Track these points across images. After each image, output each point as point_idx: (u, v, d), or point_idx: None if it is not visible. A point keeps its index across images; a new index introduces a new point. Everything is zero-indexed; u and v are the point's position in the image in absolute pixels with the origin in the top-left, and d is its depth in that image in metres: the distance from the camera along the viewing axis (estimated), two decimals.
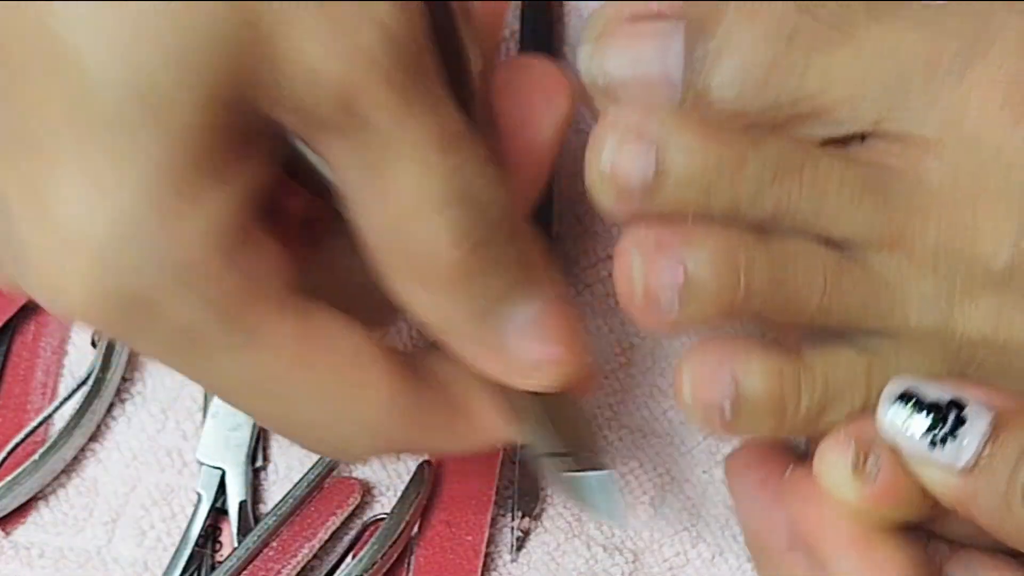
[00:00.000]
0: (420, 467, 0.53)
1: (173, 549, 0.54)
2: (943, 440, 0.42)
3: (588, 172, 0.45)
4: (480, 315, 0.42)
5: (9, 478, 0.53)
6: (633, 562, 0.54)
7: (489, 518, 0.53)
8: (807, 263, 0.44)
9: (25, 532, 0.54)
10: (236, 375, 0.41)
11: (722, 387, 0.44)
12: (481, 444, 0.46)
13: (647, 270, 0.44)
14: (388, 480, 0.55)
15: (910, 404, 0.42)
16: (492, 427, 0.46)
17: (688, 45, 0.44)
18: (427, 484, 0.53)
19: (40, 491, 0.55)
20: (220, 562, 0.53)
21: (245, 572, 0.52)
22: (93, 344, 0.56)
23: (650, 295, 0.44)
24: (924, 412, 0.42)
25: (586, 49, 0.46)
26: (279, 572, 0.52)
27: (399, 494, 0.53)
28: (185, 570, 0.53)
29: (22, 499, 0.54)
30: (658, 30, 0.44)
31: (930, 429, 0.42)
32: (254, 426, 0.54)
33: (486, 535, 0.53)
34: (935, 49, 0.44)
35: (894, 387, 0.43)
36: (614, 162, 0.44)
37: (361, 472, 0.55)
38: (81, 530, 0.54)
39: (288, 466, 0.55)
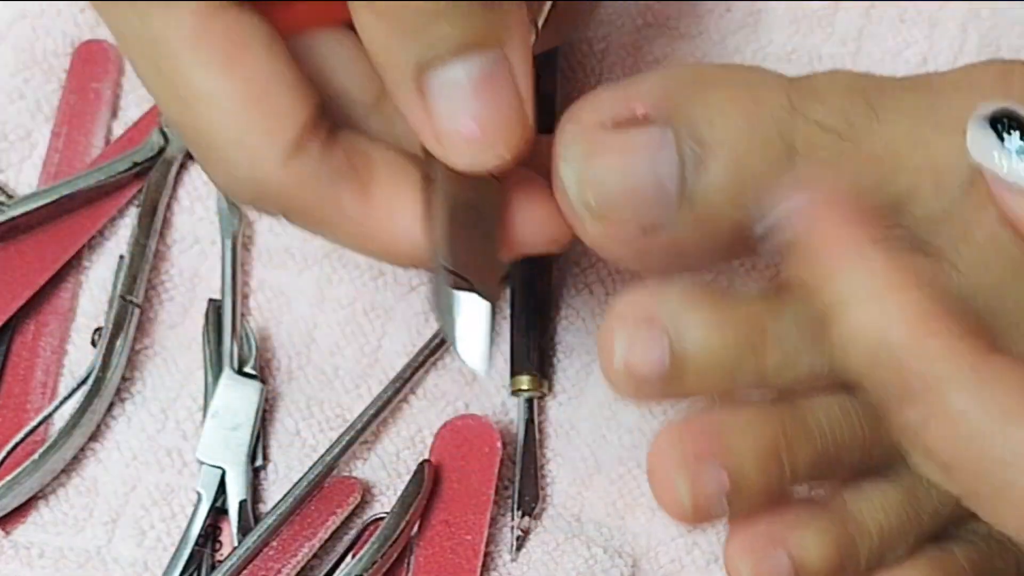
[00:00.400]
0: (420, 467, 0.53)
1: (173, 549, 0.54)
2: None
3: (602, 366, 0.43)
4: (423, 61, 0.40)
5: (9, 478, 0.53)
6: (632, 565, 0.54)
7: (489, 518, 0.53)
8: (843, 421, 0.43)
9: (25, 532, 0.54)
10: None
11: (781, 569, 0.43)
12: (382, 241, 0.44)
13: (692, 485, 0.42)
14: (388, 480, 0.55)
15: (1002, 124, 0.40)
16: (398, 221, 0.43)
17: (679, 151, 0.42)
18: (427, 484, 0.53)
19: (40, 491, 0.55)
20: (220, 562, 0.53)
21: (245, 571, 0.52)
22: (93, 344, 0.56)
23: (699, 507, 0.42)
24: (1019, 131, 0.40)
25: (571, 169, 0.42)
26: (279, 571, 0.52)
27: (399, 494, 0.53)
28: (185, 570, 0.53)
29: (22, 499, 0.54)
30: (648, 139, 0.42)
31: None
32: (254, 426, 0.55)
33: (486, 535, 0.53)
34: (942, 151, 0.42)
35: (982, 111, 0.40)
36: (627, 358, 0.42)
37: (361, 472, 0.55)
38: (81, 530, 0.54)
39: (288, 466, 0.55)
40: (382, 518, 0.53)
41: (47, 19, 0.60)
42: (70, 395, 0.54)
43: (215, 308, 0.56)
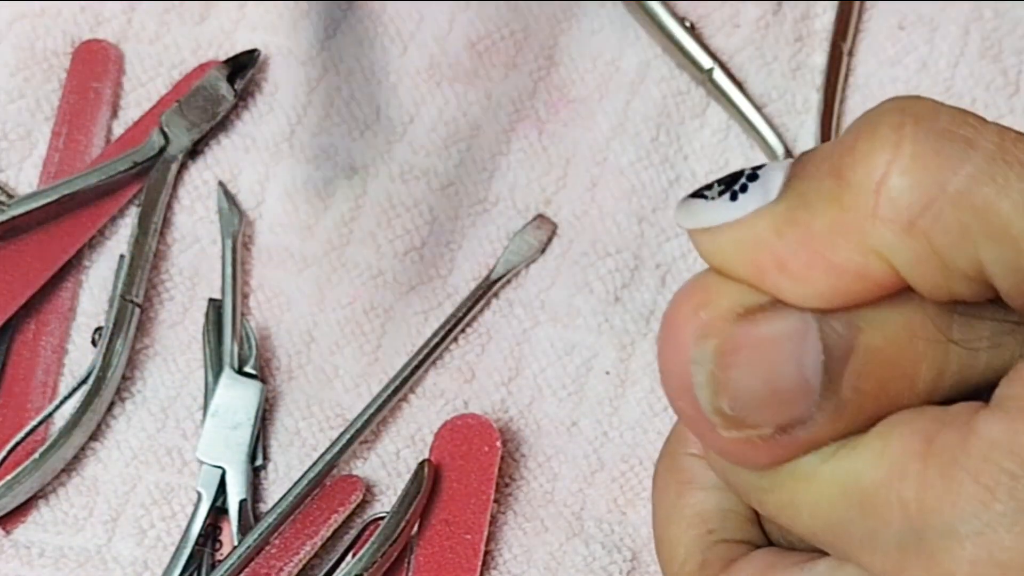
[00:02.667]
0: (420, 466, 0.53)
1: (173, 548, 0.54)
2: (743, 188, 0.37)
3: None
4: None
5: (9, 477, 0.53)
6: (632, 560, 0.54)
7: (488, 517, 0.53)
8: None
9: (25, 531, 0.54)
10: None
11: None
12: None
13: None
14: (388, 479, 0.55)
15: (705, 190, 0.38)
16: None
17: (824, 336, 0.36)
18: (427, 483, 0.53)
19: (40, 490, 0.55)
20: (220, 561, 0.53)
21: (246, 570, 0.52)
22: (93, 343, 0.56)
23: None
24: (717, 184, 0.38)
25: (703, 372, 0.36)
26: (280, 570, 0.52)
27: (399, 493, 0.53)
28: (185, 569, 0.53)
29: (22, 498, 0.54)
30: (790, 327, 0.36)
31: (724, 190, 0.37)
32: (254, 425, 0.55)
33: (485, 534, 0.53)
34: None
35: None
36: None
37: (361, 471, 0.55)
38: (81, 529, 0.54)
39: (288, 465, 0.55)
40: (382, 517, 0.53)
41: (47, 18, 0.60)
42: (70, 394, 0.54)
43: (215, 308, 0.56)
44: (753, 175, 0.37)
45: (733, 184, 0.37)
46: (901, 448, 0.36)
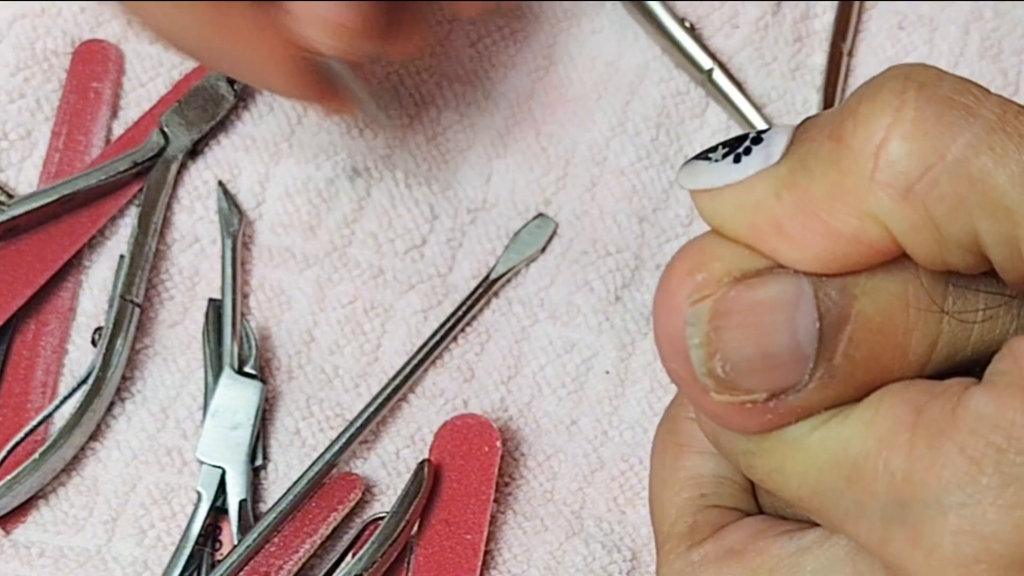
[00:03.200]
0: (420, 466, 0.53)
1: (173, 548, 0.54)
2: (747, 151, 0.37)
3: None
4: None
5: (9, 477, 0.53)
6: (632, 559, 0.54)
7: (488, 517, 0.53)
8: None
9: (25, 531, 0.54)
10: None
11: None
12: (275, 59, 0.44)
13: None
14: (388, 479, 0.55)
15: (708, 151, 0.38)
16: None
17: (819, 303, 0.36)
18: (427, 483, 0.53)
19: (40, 490, 0.55)
20: (220, 561, 0.53)
21: (246, 569, 0.52)
22: (93, 343, 0.56)
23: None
24: (722, 146, 0.38)
25: (696, 334, 0.37)
26: (280, 569, 0.52)
27: (399, 493, 0.53)
28: (185, 569, 0.53)
29: (22, 498, 0.54)
30: (785, 292, 0.36)
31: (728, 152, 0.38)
32: (254, 425, 0.55)
33: (486, 534, 0.53)
34: None
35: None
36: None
37: (361, 471, 0.55)
38: (81, 529, 0.54)
39: (288, 465, 0.55)
40: (382, 517, 0.53)
41: (47, 18, 0.60)
42: (70, 394, 0.54)
43: (215, 307, 0.56)
44: (757, 138, 0.37)
45: (737, 147, 0.37)
46: (890, 419, 0.36)
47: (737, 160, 0.37)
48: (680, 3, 0.62)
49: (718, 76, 0.60)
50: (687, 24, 0.61)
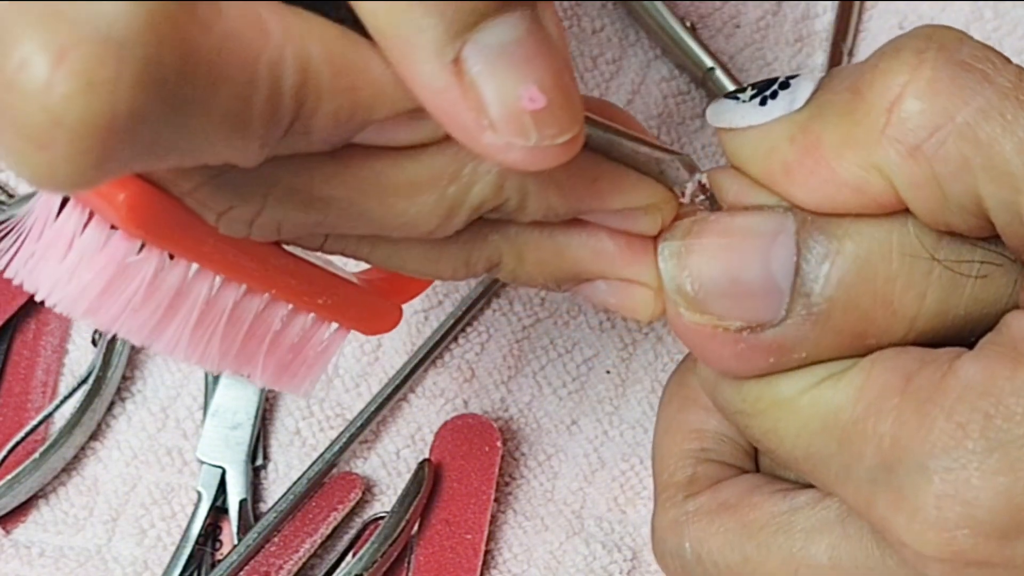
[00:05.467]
0: (420, 466, 0.53)
1: (173, 548, 0.54)
2: (773, 95, 0.39)
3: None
4: (456, 27, 0.31)
5: (9, 477, 0.53)
6: (632, 559, 0.54)
7: (488, 517, 0.53)
8: None
9: (25, 531, 0.54)
10: None
11: None
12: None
13: None
14: (388, 479, 0.55)
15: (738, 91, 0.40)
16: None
17: (800, 242, 0.37)
18: (427, 483, 0.53)
19: (40, 490, 0.55)
20: (220, 561, 0.53)
21: (246, 569, 0.52)
22: (94, 343, 0.56)
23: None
24: (750, 88, 0.39)
25: (669, 247, 0.39)
26: (280, 568, 0.52)
27: (399, 493, 0.53)
28: (185, 569, 0.53)
29: (22, 498, 0.54)
30: (762, 225, 0.38)
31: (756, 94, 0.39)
32: (254, 425, 0.55)
33: (486, 534, 0.53)
34: None
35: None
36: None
37: (361, 470, 0.55)
38: (81, 529, 0.54)
39: (288, 465, 0.55)
40: (382, 517, 0.53)
41: None
42: (70, 394, 0.54)
43: None
44: (785, 83, 0.38)
45: (765, 90, 0.39)
46: (880, 384, 0.37)
47: (763, 103, 0.38)
48: (681, 3, 0.62)
49: (719, 76, 0.60)
50: (688, 24, 0.61)
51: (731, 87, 0.60)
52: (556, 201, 0.38)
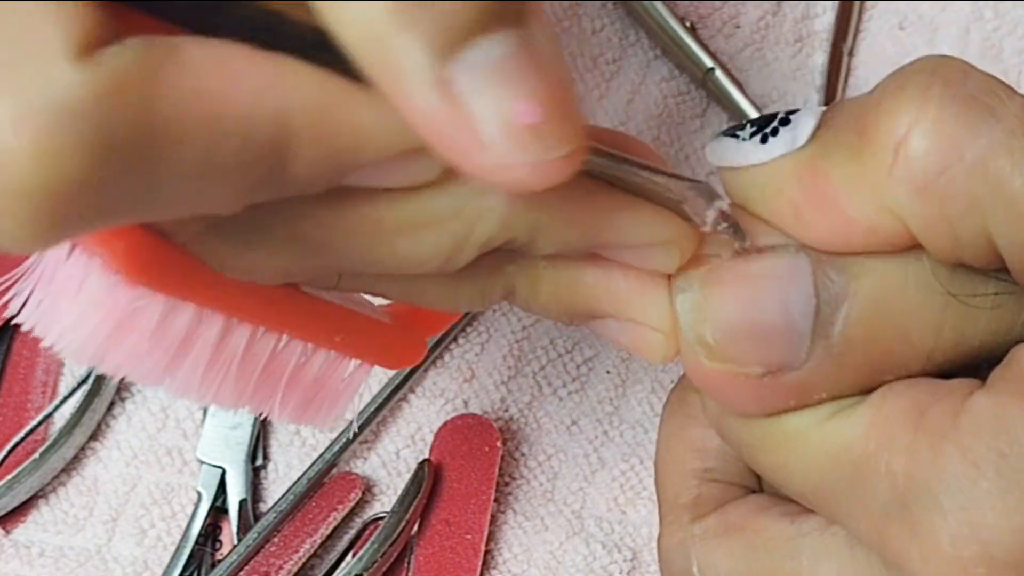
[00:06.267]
0: (420, 466, 0.53)
1: (173, 548, 0.54)
2: (774, 132, 0.38)
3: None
4: (443, 44, 0.31)
5: (9, 477, 0.53)
6: (632, 559, 0.54)
7: (488, 517, 0.53)
8: None
9: (25, 531, 0.54)
10: None
11: None
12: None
13: None
14: (388, 479, 0.55)
15: (736, 129, 0.39)
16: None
17: (816, 281, 0.37)
18: (427, 483, 0.53)
19: (40, 490, 0.55)
20: (220, 561, 0.53)
21: (246, 569, 0.52)
22: None
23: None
24: (750, 125, 0.39)
25: (688, 299, 0.38)
26: (280, 569, 0.52)
27: (399, 493, 0.53)
28: (185, 569, 0.53)
29: (22, 498, 0.54)
30: (779, 267, 0.37)
31: (756, 131, 0.38)
32: (254, 425, 0.55)
33: (486, 534, 0.53)
34: None
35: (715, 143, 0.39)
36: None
37: (361, 470, 0.55)
38: (81, 529, 0.54)
39: (288, 464, 0.55)
40: (382, 517, 0.53)
41: None
42: (70, 394, 0.54)
43: None
44: (786, 119, 0.38)
45: (765, 127, 0.38)
46: (893, 419, 0.36)
47: (764, 140, 0.38)
48: (681, 3, 0.62)
49: (719, 76, 0.60)
50: (688, 24, 0.61)
51: (731, 87, 0.60)
52: (569, 235, 0.37)
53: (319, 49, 0.32)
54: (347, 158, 0.33)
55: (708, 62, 0.60)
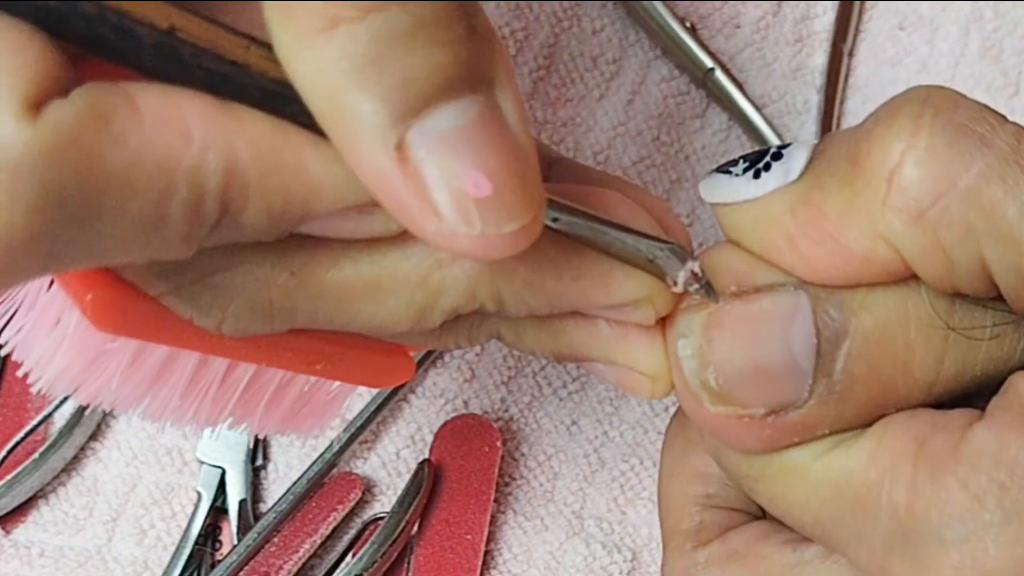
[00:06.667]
0: (420, 466, 0.53)
1: (173, 548, 0.54)
2: (767, 167, 0.38)
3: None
4: (400, 110, 0.30)
5: (9, 477, 0.53)
6: (632, 560, 0.54)
7: (488, 517, 0.53)
8: None
9: (25, 531, 0.54)
10: None
11: None
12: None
13: None
14: (388, 479, 0.55)
15: (729, 165, 0.39)
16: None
17: (816, 319, 0.37)
18: (427, 483, 0.53)
19: (40, 490, 0.55)
20: (220, 561, 0.53)
21: (246, 569, 0.52)
22: None
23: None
24: (743, 160, 0.39)
25: (689, 345, 0.37)
26: (280, 569, 0.52)
27: (399, 493, 0.53)
28: (185, 569, 0.53)
29: (22, 498, 0.54)
30: (779, 307, 0.37)
31: (749, 167, 0.38)
32: None
33: (486, 534, 0.53)
34: None
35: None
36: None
37: (361, 471, 0.55)
38: (81, 529, 0.54)
39: (288, 465, 0.55)
40: (382, 517, 0.53)
41: None
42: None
43: None
44: (778, 154, 0.38)
45: (758, 162, 0.38)
46: (893, 451, 0.36)
47: (757, 176, 0.38)
48: (681, 3, 0.62)
49: (719, 76, 0.60)
50: (688, 24, 0.61)
51: (731, 87, 0.60)
52: (536, 303, 0.37)
53: (282, 101, 0.32)
54: (299, 209, 0.33)
55: (708, 62, 0.60)
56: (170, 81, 0.31)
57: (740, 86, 0.60)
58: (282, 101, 0.32)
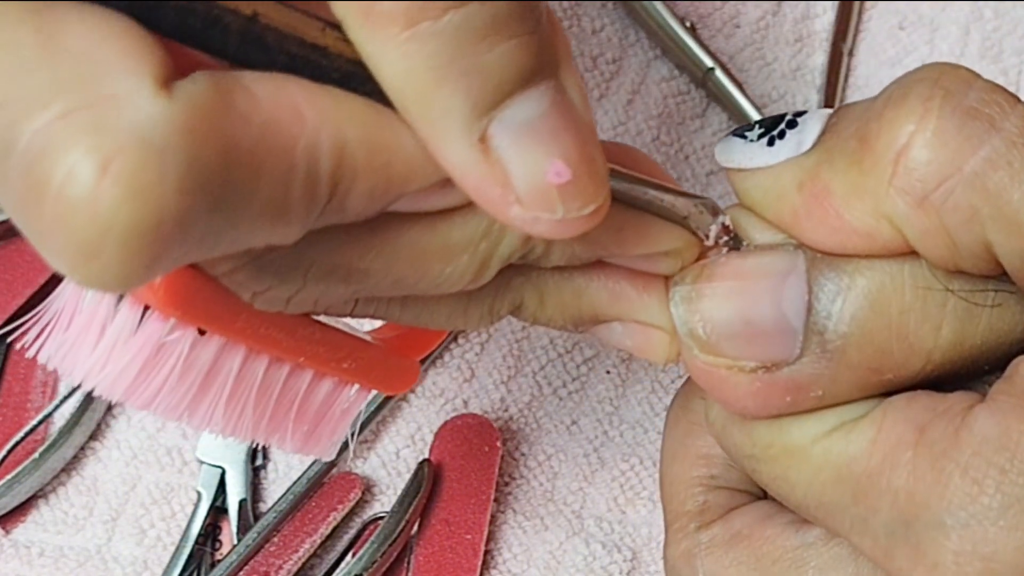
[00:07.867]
0: (420, 466, 0.53)
1: (173, 548, 0.54)
2: (781, 135, 0.38)
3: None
4: (483, 103, 0.32)
5: (9, 476, 0.53)
6: (632, 559, 0.54)
7: (488, 517, 0.53)
8: None
9: (25, 531, 0.54)
10: None
11: None
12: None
13: None
14: (388, 479, 0.55)
15: (744, 130, 0.40)
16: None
17: (812, 281, 0.37)
18: (427, 483, 0.53)
19: (40, 489, 0.55)
20: (220, 560, 0.53)
21: (246, 569, 0.52)
22: None
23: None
24: (758, 126, 0.39)
25: (680, 292, 0.38)
26: (280, 569, 0.52)
27: (399, 493, 0.53)
28: (185, 568, 0.53)
29: (22, 497, 0.54)
30: (772, 265, 0.38)
31: (764, 133, 0.39)
32: None
33: (486, 534, 0.53)
34: None
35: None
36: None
37: (361, 471, 0.55)
38: (81, 529, 0.54)
39: (288, 465, 0.55)
40: (382, 517, 0.53)
41: None
42: (70, 394, 0.54)
43: None
44: (793, 122, 0.38)
45: (773, 129, 0.38)
46: (893, 437, 0.36)
47: (771, 143, 0.38)
48: (681, 3, 0.62)
49: (719, 76, 0.60)
50: (688, 24, 0.61)
51: (731, 87, 0.60)
52: (580, 249, 0.38)
53: (359, 81, 0.32)
54: (399, 187, 0.33)
55: (708, 62, 0.60)
56: (254, 68, 0.32)
57: (740, 86, 0.60)
58: (359, 80, 0.32)
